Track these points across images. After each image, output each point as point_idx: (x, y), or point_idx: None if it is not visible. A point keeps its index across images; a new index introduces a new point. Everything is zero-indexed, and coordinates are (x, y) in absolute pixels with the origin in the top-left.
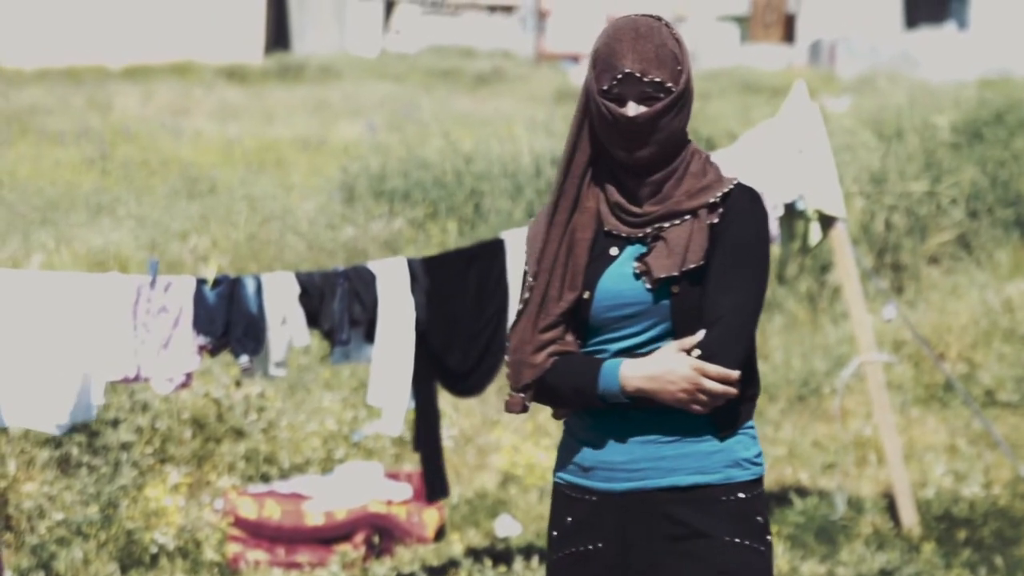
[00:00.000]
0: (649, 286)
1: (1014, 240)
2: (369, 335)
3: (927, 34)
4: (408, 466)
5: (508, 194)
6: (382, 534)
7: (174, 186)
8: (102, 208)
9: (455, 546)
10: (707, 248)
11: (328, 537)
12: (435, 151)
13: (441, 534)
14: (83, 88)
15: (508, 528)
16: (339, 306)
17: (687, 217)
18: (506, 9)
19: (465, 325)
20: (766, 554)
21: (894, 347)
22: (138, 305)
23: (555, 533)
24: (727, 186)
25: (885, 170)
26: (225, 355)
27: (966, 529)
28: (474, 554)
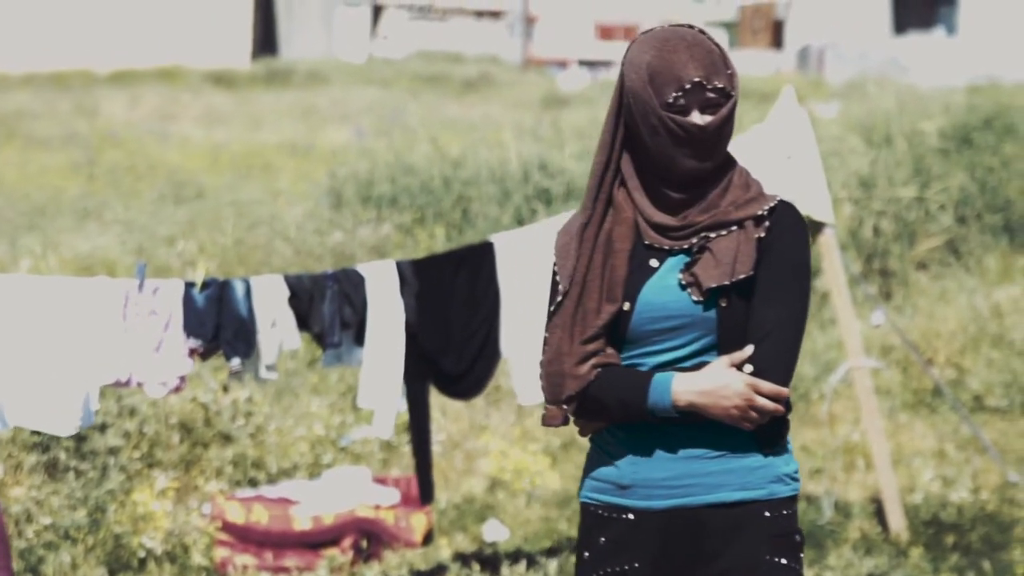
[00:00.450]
0: (696, 297)
1: (1002, 246)
2: (359, 338)
3: (916, 40)
4: (396, 471)
5: (496, 200)
6: (370, 539)
7: (161, 191)
8: (89, 213)
9: (443, 551)
10: (756, 260)
11: (316, 542)
12: (423, 157)
13: (429, 539)
14: (70, 93)
15: (496, 533)
16: (329, 309)
17: (733, 228)
18: (494, 15)
19: (457, 328)
20: (800, 572)
21: (882, 352)
22: (127, 309)
23: (586, 554)
24: (772, 200)
25: (873, 176)
26: (213, 360)
27: (954, 534)
28: (462, 559)
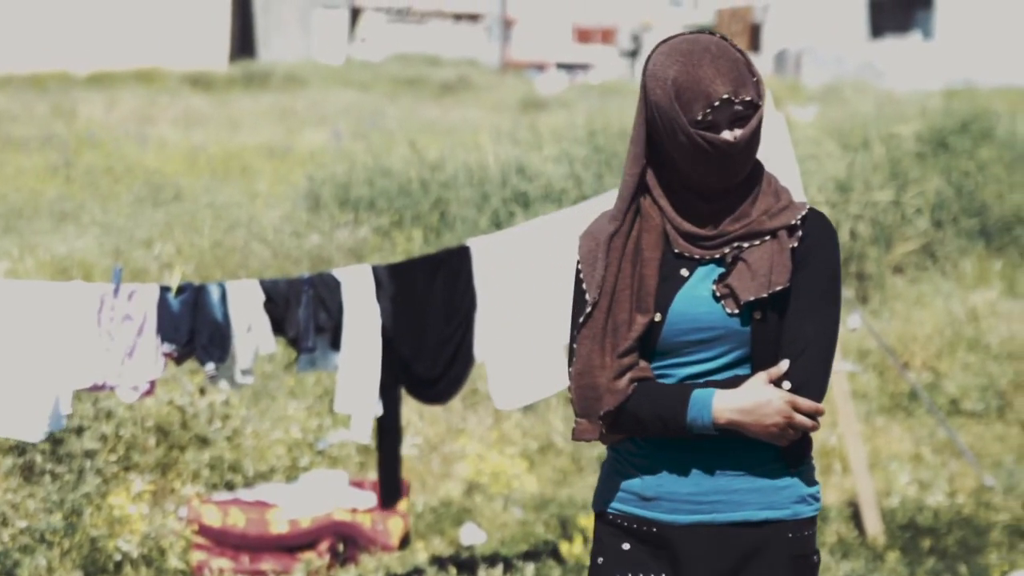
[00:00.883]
0: (731, 310)
1: (979, 249)
2: (335, 342)
3: (892, 44)
4: (373, 474)
5: (473, 203)
6: (347, 542)
7: (138, 193)
8: (66, 215)
9: (420, 554)
10: (791, 271)
11: (293, 545)
12: (400, 159)
13: (406, 542)
14: (47, 95)
15: (473, 536)
16: (304, 313)
17: (767, 238)
18: (472, 18)
19: (432, 332)
20: None
21: (859, 356)
22: (102, 313)
23: (600, 560)
24: (803, 209)
25: (850, 179)
26: (190, 363)
27: (930, 538)
28: (439, 562)
